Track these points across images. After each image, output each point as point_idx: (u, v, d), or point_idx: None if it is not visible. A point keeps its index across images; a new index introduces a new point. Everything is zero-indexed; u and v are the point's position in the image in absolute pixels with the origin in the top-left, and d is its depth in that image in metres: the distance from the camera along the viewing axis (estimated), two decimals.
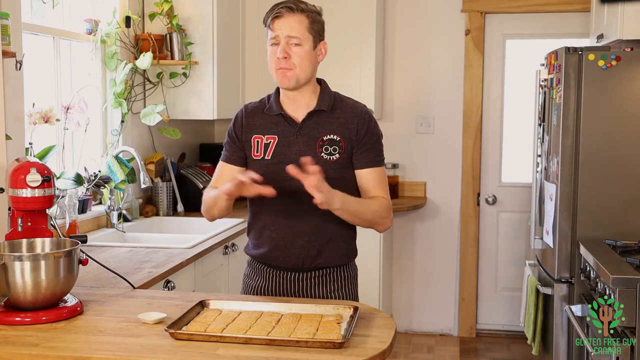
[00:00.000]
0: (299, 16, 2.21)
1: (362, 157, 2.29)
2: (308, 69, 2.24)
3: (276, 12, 2.21)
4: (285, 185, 2.24)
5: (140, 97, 4.06)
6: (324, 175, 2.16)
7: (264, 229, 2.33)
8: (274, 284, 2.35)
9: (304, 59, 2.22)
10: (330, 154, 2.26)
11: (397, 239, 5.06)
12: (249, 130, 2.32)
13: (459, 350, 4.81)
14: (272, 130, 2.30)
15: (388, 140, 4.97)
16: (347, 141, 2.27)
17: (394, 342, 1.87)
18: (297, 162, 2.21)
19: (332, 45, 4.62)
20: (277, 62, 2.22)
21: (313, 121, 2.28)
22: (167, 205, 4.14)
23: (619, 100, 3.38)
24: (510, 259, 5.00)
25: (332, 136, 2.27)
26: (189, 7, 4.07)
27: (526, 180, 4.53)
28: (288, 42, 2.20)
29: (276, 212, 2.30)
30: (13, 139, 2.64)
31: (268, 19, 2.24)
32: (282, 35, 2.20)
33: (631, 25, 3.61)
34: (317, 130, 2.27)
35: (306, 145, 2.26)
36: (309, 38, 2.23)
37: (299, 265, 2.32)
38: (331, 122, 2.28)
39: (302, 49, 2.21)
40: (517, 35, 4.94)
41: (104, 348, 1.81)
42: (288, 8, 2.21)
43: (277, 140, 2.29)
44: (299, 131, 2.27)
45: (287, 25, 2.20)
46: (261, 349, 1.77)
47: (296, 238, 2.29)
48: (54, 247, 2.17)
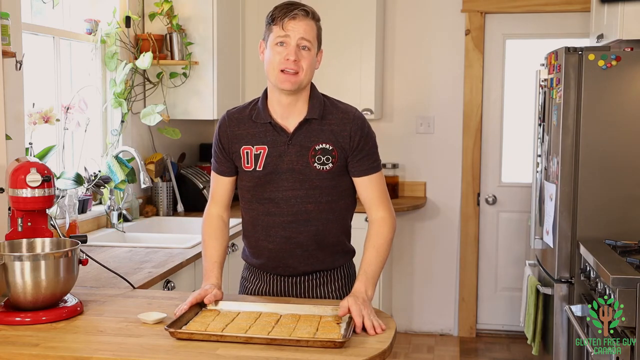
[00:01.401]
0: (311, 22, 2.18)
1: (359, 165, 2.24)
2: (310, 75, 2.21)
3: (294, 13, 2.15)
4: (279, 196, 2.23)
5: (140, 97, 4.07)
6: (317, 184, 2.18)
7: (259, 240, 2.30)
8: (273, 287, 2.35)
9: (310, 65, 2.19)
10: (323, 163, 2.22)
11: (397, 239, 5.06)
12: (236, 140, 2.26)
13: (459, 350, 4.81)
14: (262, 140, 2.23)
15: (388, 140, 5.02)
16: (340, 149, 2.22)
17: (394, 342, 1.87)
18: (289, 172, 2.21)
19: (332, 45, 4.64)
20: (283, 62, 2.15)
21: (304, 130, 2.22)
22: (167, 205, 4.14)
23: (619, 100, 3.37)
24: (510, 259, 5.00)
25: (324, 145, 2.22)
26: (189, 7, 4.07)
27: (526, 180, 4.53)
28: (299, 44, 2.16)
29: (271, 224, 2.26)
30: (13, 139, 2.64)
31: (278, 18, 2.16)
32: (295, 37, 2.15)
33: (631, 25, 3.61)
34: (308, 139, 2.21)
35: (298, 155, 2.21)
36: (315, 45, 2.20)
37: (299, 272, 2.32)
38: (322, 129, 2.22)
39: (310, 54, 2.18)
40: (517, 35, 4.93)
41: (104, 348, 1.81)
42: (304, 12, 2.17)
43: (267, 150, 2.22)
44: (290, 141, 2.22)
45: (301, 28, 2.15)
46: (261, 349, 1.77)
47: (293, 249, 2.27)
48: (54, 247, 2.17)
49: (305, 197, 2.23)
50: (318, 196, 2.23)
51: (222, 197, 2.34)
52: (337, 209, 2.28)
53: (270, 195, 2.24)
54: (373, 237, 2.23)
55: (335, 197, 2.25)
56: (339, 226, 2.31)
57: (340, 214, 2.30)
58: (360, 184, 2.27)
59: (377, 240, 2.22)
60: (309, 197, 2.23)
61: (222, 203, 2.34)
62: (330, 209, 2.26)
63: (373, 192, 2.26)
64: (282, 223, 2.25)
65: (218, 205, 2.34)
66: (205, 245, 2.31)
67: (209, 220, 2.34)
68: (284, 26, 2.15)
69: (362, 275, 2.16)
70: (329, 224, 2.26)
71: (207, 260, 2.28)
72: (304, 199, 2.23)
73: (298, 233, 2.25)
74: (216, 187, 2.35)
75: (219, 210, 2.34)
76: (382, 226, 2.24)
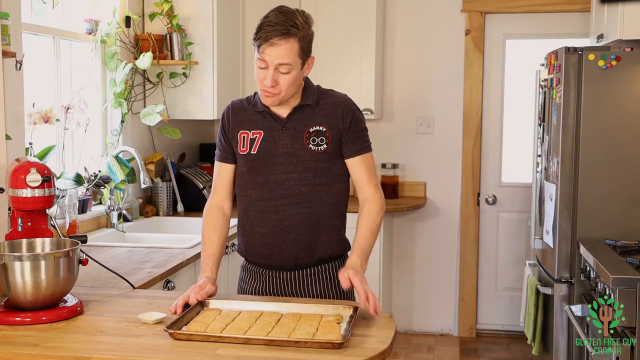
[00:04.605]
0: (291, 43, 2.15)
1: (351, 145, 2.30)
2: (294, 89, 2.24)
3: (271, 41, 2.13)
4: (272, 179, 2.27)
5: (140, 97, 4.07)
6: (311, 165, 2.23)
7: (253, 225, 2.32)
8: (269, 284, 2.35)
9: (292, 83, 2.21)
10: (317, 144, 2.27)
11: (397, 239, 5.06)
12: (236, 126, 2.33)
13: (459, 350, 4.81)
14: (259, 126, 2.30)
15: (388, 140, 5.02)
16: (334, 131, 2.28)
17: (394, 342, 1.87)
18: (283, 156, 2.26)
19: (332, 45, 4.65)
20: (262, 85, 2.20)
21: (298, 115, 2.28)
22: (167, 205, 4.14)
23: (619, 100, 3.37)
24: (510, 259, 5.00)
25: (318, 127, 2.27)
26: (189, 7, 4.07)
27: (526, 180, 4.53)
28: (277, 69, 2.17)
29: (264, 208, 2.29)
30: (13, 139, 2.64)
31: (258, 42, 2.16)
32: (272, 63, 2.16)
33: (631, 25, 3.61)
34: (302, 122, 2.27)
35: (293, 139, 2.27)
36: (298, 63, 2.19)
37: (293, 262, 2.31)
38: (315, 114, 2.28)
39: (290, 75, 2.18)
40: (517, 35, 4.93)
41: (104, 348, 1.81)
42: (281, 35, 2.13)
43: (262, 135, 2.29)
44: (284, 125, 2.28)
45: (277, 54, 2.14)
46: (261, 349, 1.77)
47: (286, 232, 2.29)
48: (54, 247, 2.17)
49: (298, 180, 2.26)
50: (311, 178, 2.27)
51: (224, 186, 2.38)
52: (331, 193, 2.31)
53: (264, 179, 2.28)
54: (365, 215, 2.30)
55: (329, 179, 2.29)
56: (332, 210, 2.32)
57: (334, 197, 2.32)
58: (352, 164, 2.32)
59: (369, 218, 2.29)
60: (302, 180, 2.26)
61: (224, 192, 2.38)
62: (324, 191, 2.29)
63: (364, 171, 2.33)
64: (275, 206, 2.28)
65: (219, 195, 2.38)
66: (204, 238, 2.35)
67: (209, 212, 2.37)
68: (261, 53, 2.17)
69: (357, 248, 2.23)
70: (323, 207, 2.29)
71: (204, 252, 2.33)
72: (297, 182, 2.27)
73: (290, 215, 2.28)
74: (218, 177, 2.39)
75: (220, 200, 2.37)
76: (372, 204, 2.31)
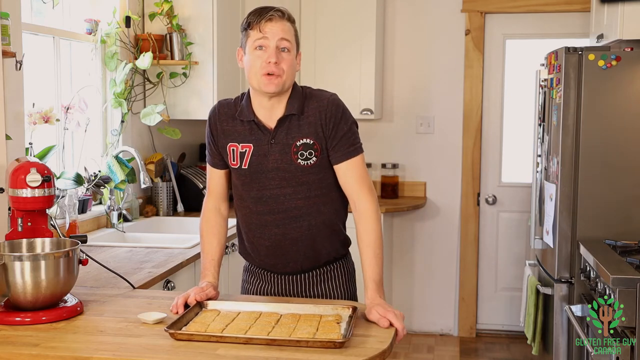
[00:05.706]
0: (288, 24, 2.18)
1: (336, 151, 2.21)
2: (292, 77, 2.21)
3: (270, 15, 2.15)
4: (266, 194, 2.24)
5: (140, 97, 4.07)
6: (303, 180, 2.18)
7: (255, 237, 2.30)
8: (273, 285, 2.35)
9: (291, 66, 2.18)
10: (306, 159, 2.20)
11: (397, 239, 5.07)
12: (224, 136, 2.26)
13: (459, 350, 4.81)
14: (247, 139, 2.23)
15: (388, 140, 5.02)
16: (321, 140, 2.20)
17: (394, 342, 1.87)
18: (275, 171, 2.21)
19: (331, 44, 4.65)
20: (265, 66, 2.14)
21: (285, 127, 2.21)
22: (167, 205, 4.14)
23: (619, 100, 3.37)
24: (510, 259, 5.00)
25: (305, 140, 2.20)
26: (189, 7, 4.07)
27: (526, 180, 4.53)
28: (279, 46, 2.15)
29: (264, 222, 2.26)
30: (13, 139, 2.64)
31: (255, 22, 2.15)
32: (274, 38, 2.14)
33: (631, 25, 3.61)
34: (289, 136, 2.20)
35: (282, 154, 2.20)
36: (294, 46, 2.20)
37: (299, 269, 2.32)
38: (301, 124, 2.20)
39: (289, 56, 2.17)
40: (517, 35, 4.94)
41: (104, 348, 1.80)
42: (280, 13, 2.16)
43: (252, 149, 2.22)
44: (272, 139, 2.21)
45: (279, 29, 2.15)
46: (261, 349, 1.77)
47: (290, 245, 2.27)
48: (54, 247, 2.17)
49: (293, 194, 2.23)
50: (306, 191, 2.23)
51: (218, 188, 2.34)
52: (329, 202, 2.28)
53: (258, 194, 2.24)
54: (364, 235, 2.19)
55: (324, 190, 2.25)
56: (332, 218, 2.30)
57: (333, 206, 2.29)
58: (340, 170, 2.23)
59: (370, 238, 2.17)
60: (297, 194, 2.23)
61: (219, 195, 2.35)
62: (321, 202, 2.26)
63: (352, 177, 2.22)
64: (274, 220, 2.25)
65: (215, 198, 2.35)
66: (203, 241, 2.32)
67: (206, 215, 2.34)
68: (262, 28, 2.15)
69: (371, 283, 2.12)
70: (322, 217, 2.26)
71: (204, 257, 2.30)
72: (292, 196, 2.23)
73: (292, 229, 2.25)
74: (211, 179, 2.36)
75: (216, 203, 2.35)
76: (369, 220, 2.19)
